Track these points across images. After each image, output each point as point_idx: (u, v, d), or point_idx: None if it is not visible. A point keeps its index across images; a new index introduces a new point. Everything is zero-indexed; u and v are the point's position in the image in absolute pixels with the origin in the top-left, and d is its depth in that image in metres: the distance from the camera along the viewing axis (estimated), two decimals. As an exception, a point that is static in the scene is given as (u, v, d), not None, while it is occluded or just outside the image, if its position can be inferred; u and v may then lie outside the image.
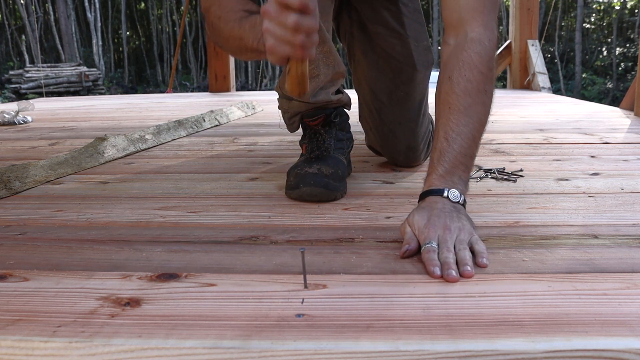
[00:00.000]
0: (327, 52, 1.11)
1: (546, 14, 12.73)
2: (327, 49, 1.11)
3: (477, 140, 0.87)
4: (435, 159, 0.86)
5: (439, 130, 0.87)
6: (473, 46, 0.88)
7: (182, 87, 15.47)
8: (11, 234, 0.90)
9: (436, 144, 0.87)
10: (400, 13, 1.28)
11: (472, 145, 0.86)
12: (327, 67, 1.12)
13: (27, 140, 2.01)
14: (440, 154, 0.85)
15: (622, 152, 1.51)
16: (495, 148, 1.61)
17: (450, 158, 0.84)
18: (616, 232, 0.84)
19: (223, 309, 0.60)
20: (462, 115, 0.85)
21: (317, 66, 1.11)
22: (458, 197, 0.81)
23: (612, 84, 14.65)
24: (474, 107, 0.87)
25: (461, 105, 0.86)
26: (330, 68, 1.13)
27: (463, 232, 0.76)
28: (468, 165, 0.86)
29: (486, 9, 0.90)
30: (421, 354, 0.51)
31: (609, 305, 0.59)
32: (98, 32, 17.40)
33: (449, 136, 0.85)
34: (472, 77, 0.87)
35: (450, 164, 0.84)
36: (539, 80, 3.87)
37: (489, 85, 0.89)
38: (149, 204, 1.07)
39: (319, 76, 1.12)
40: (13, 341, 0.53)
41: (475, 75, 0.87)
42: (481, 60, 0.88)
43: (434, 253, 0.72)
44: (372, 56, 1.30)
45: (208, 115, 2.33)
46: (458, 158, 0.84)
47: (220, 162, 1.50)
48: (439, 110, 0.89)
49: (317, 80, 1.12)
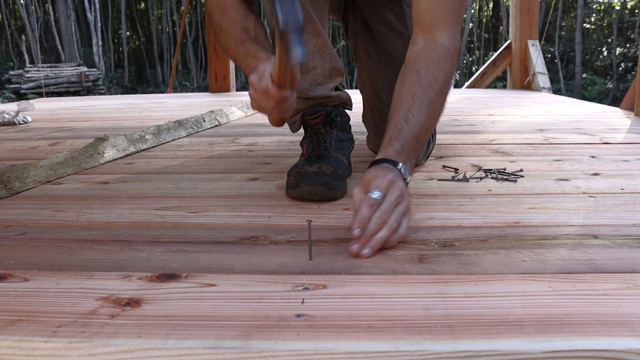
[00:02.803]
0: (322, 45, 1.12)
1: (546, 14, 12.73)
2: (321, 42, 1.12)
3: (429, 132, 0.96)
4: (394, 135, 0.91)
5: (399, 111, 0.94)
6: (443, 51, 0.98)
7: (182, 87, 15.48)
8: (11, 234, 0.90)
9: (396, 123, 0.93)
10: (404, 14, 1.30)
11: (425, 134, 0.95)
12: (322, 60, 1.13)
13: (27, 141, 2.01)
14: (398, 132, 0.91)
15: (622, 152, 1.51)
16: (496, 148, 1.61)
17: (406, 138, 0.91)
18: (616, 232, 0.84)
19: (223, 309, 0.60)
20: (424, 107, 0.94)
21: (313, 59, 1.12)
22: (407, 175, 0.88)
23: (612, 84, 14.65)
24: (434, 103, 0.96)
25: (425, 98, 0.94)
26: (326, 62, 1.14)
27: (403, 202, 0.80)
28: (417, 151, 0.94)
29: (454, 21, 1.01)
30: (421, 354, 0.51)
31: (609, 305, 0.59)
32: (98, 32, 17.40)
33: (409, 119, 0.92)
34: (437, 77, 0.96)
35: (406, 143, 0.91)
36: (539, 81, 3.87)
37: (448, 88, 0.99)
38: (149, 204, 1.07)
39: (315, 69, 1.13)
40: (13, 341, 0.53)
41: (441, 76, 0.97)
42: (447, 65, 0.98)
43: (370, 210, 0.76)
44: (375, 55, 1.32)
45: (208, 115, 2.33)
46: (412, 141, 0.91)
47: (220, 162, 1.50)
48: (400, 97, 0.96)
49: (314, 74, 1.13)
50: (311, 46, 1.10)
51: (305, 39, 1.08)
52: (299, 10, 0.76)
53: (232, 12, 1.07)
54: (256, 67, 0.95)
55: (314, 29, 1.10)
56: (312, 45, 1.11)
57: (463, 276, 0.68)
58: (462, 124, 2.21)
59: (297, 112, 1.20)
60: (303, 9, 1.04)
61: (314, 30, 1.10)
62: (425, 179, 1.23)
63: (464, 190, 1.12)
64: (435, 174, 1.27)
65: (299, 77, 0.93)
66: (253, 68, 0.98)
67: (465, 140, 1.78)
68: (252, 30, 1.05)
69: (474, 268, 0.70)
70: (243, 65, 1.03)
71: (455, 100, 3.33)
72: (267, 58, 0.97)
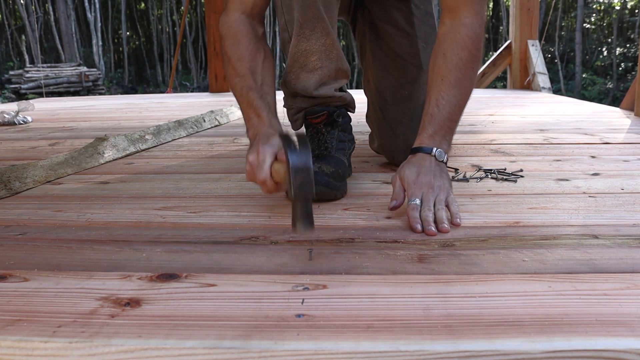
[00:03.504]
0: (330, 46, 1.12)
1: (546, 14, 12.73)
2: (329, 42, 1.12)
3: (462, 109, 1.03)
4: (427, 120, 1.00)
5: (431, 97, 1.01)
6: (466, 30, 1.02)
7: (182, 87, 15.48)
8: (11, 234, 0.90)
9: (428, 109, 1.00)
10: (411, 14, 1.32)
11: (458, 112, 1.02)
12: (329, 61, 1.13)
13: (27, 141, 2.01)
14: (431, 117, 0.99)
15: (622, 152, 1.51)
16: (496, 148, 1.61)
17: (439, 121, 0.99)
18: (616, 232, 0.84)
19: (223, 309, 0.60)
20: (452, 87, 1.00)
21: (320, 58, 1.12)
22: (443, 156, 0.97)
23: (613, 84, 14.65)
24: (462, 81, 1.01)
25: (452, 78, 1.00)
26: (333, 62, 1.14)
27: (442, 191, 0.93)
28: (452, 128, 1.01)
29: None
30: (421, 354, 0.51)
31: (609, 305, 0.59)
32: (98, 32, 17.40)
33: (439, 103, 0.99)
34: (463, 56, 1.01)
35: (439, 126, 0.99)
36: (539, 81, 3.87)
37: (476, 64, 1.04)
38: (149, 204, 1.07)
39: (321, 69, 1.13)
40: (13, 341, 0.53)
41: (466, 55, 1.01)
42: (472, 43, 1.01)
43: (416, 211, 0.89)
44: (380, 54, 1.33)
45: (208, 115, 2.33)
46: (445, 122, 0.99)
47: (220, 162, 1.50)
48: (432, 81, 1.03)
49: (320, 73, 1.13)
50: (319, 46, 1.11)
51: (314, 38, 1.09)
52: (313, 182, 0.80)
53: (243, 44, 1.06)
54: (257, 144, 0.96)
55: (323, 28, 1.10)
56: (321, 45, 1.11)
57: (463, 276, 0.68)
58: (462, 124, 2.20)
59: (299, 110, 1.20)
60: (314, 7, 1.06)
61: (323, 30, 1.10)
62: (425, 179, 1.23)
63: (464, 190, 1.12)
64: (435, 174, 1.27)
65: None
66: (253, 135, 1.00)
67: (465, 140, 1.78)
68: (260, 74, 1.06)
69: (474, 268, 0.70)
70: (243, 113, 1.06)
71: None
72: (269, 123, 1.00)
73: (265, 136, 0.97)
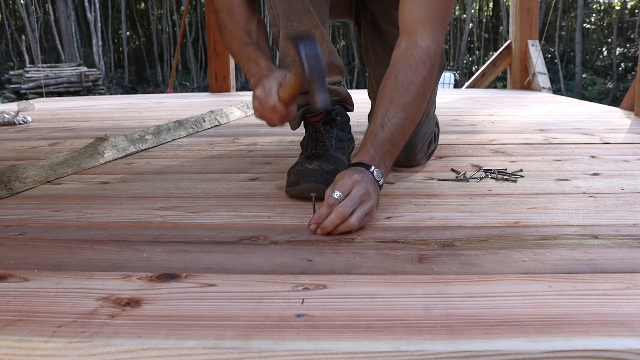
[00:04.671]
0: (320, 39, 1.13)
1: (546, 14, 12.73)
2: (318, 35, 1.13)
3: (406, 134, 1.00)
4: (368, 139, 0.97)
5: (377, 116, 0.98)
6: (420, 54, 1.00)
7: (182, 87, 15.48)
8: (11, 234, 0.90)
9: (372, 127, 0.98)
10: None
11: (401, 137, 0.99)
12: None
13: (27, 141, 2.01)
14: (373, 136, 0.96)
15: (622, 152, 1.51)
16: (496, 148, 1.61)
17: (380, 142, 0.96)
18: (616, 232, 0.84)
19: (223, 309, 0.60)
20: (399, 110, 0.97)
21: None
22: (380, 177, 0.93)
23: (612, 84, 14.65)
24: (410, 105, 0.98)
25: (400, 101, 0.98)
26: (324, 55, 1.14)
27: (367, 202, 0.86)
28: (393, 153, 0.98)
29: (436, 23, 1.03)
30: (421, 354, 0.51)
31: (610, 305, 0.59)
32: (98, 32, 17.41)
33: (384, 123, 0.97)
34: (414, 80, 0.99)
35: (379, 147, 0.96)
36: (539, 81, 3.87)
37: (426, 90, 1.01)
38: (149, 204, 1.07)
39: None
40: (13, 341, 0.53)
41: (419, 79, 0.99)
42: (425, 68, 1.00)
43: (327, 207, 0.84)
44: (383, 54, 1.34)
45: (208, 115, 2.33)
46: (387, 144, 0.96)
47: (220, 162, 1.50)
48: (380, 101, 1.00)
49: None
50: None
51: (303, 29, 1.11)
52: (322, 57, 0.84)
53: (237, 13, 1.12)
54: (260, 80, 1.01)
55: (311, 21, 1.11)
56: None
57: (463, 276, 0.68)
58: (462, 124, 2.21)
59: (297, 108, 1.20)
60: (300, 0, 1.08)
61: (311, 22, 1.11)
62: (425, 179, 1.23)
63: (464, 190, 1.12)
64: (435, 174, 1.27)
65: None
66: (256, 80, 1.04)
67: (465, 140, 1.78)
68: (255, 33, 1.12)
69: (474, 268, 0.70)
70: (244, 67, 1.11)
71: (455, 100, 3.33)
72: (268, 67, 1.05)
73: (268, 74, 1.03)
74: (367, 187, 0.87)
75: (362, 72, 17.03)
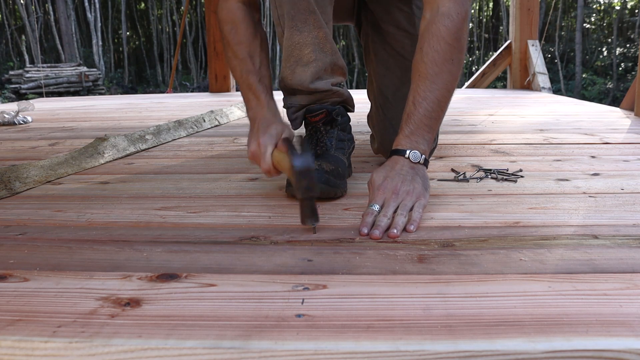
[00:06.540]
0: (323, 39, 1.13)
1: (546, 14, 12.73)
2: (322, 35, 1.12)
3: (442, 105, 0.99)
4: (404, 121, 0.98)
5: (410, 95, 0.98)
6: (442, 19, 0.98)
7: (182, 87, 15.47)
8: (11, 234, 0.90)
9: (406, 108, 0.98)
10: (413, 15, 1.35)
11: (437, 108, 0.98)
12: (323, 54, 1.14)
13: (27, 141, 2.01)
14: (407, 117, 0.97)
15: (622, 153, 1.51)
16: (496, 148, 1.61)
17: (415, 120, 0.96)
18: (616, 232, 0.84)
19: (223, 309, 0.60)
20: (429, 82, 0.97)
21: (314, 50, 1.12)
22: (418, 158, 0.95)
23: (613, 84, 14.65)
24: (440, 75, 0.97)
25: (428, 73, 0.97)
26: (327, 55, 1.15)
27: (410, 196, 0.89)
28: (432, 126, 0.98)
29: None
30: (421, 354, 0.51)
31: (610, 305, 0.59)
32: (98, 32, 17.40)
33: (416, 101, 0.97)
34: (439, 48, 0.97)
35: (415, 125, 0.96)
36: (539, 81, 3.87)
37: (455, 55, 0.98)
38: (149, 204, 1.07)
39: (316, 61, 1.14)
40: (13, 341, 0.54)
41: (442, 46, 0.97)
42: (448, 33, 0.97)
43: (370, 216, 0.86)
44: (383, 54, 1.34)
45: (208, 115, 2.33)
46: (423, 120, 0.96)
47: (220, 162, 1.50)
48: (412, 76, 1.00)
49: (315, 66, 1.14)
50: (312, 38, 1.11)
51: (307, 30, 1.11)
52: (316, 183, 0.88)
53: (242, 29, 1.12)
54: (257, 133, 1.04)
55: (315, 21, 1.11)
56: (313, 37, 1.11)
57: (463, 276, 0.68)
58: (462, 124, 2.21)
59: (298, 108, 1.20)
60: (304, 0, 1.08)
61: (315, 22, 1.11)
62: (425, 179, 1.23)
63: (464, 190, 1.12)
64: (435, 174, 1.27)
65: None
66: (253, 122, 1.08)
67: (465, 140, 1.78)
68: (258, 56, 1.12)
69: (473, 268, 0.70)
70: (243, 94, 1.13)
71: (455, 100, 3.31)
72: (267, 104, 1.08)
73: (265, 123, 1.04)
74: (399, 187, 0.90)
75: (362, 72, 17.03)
